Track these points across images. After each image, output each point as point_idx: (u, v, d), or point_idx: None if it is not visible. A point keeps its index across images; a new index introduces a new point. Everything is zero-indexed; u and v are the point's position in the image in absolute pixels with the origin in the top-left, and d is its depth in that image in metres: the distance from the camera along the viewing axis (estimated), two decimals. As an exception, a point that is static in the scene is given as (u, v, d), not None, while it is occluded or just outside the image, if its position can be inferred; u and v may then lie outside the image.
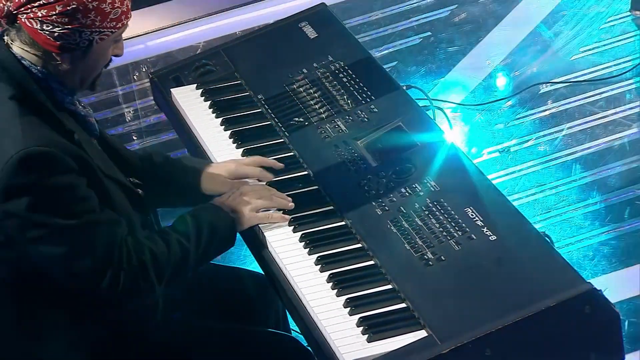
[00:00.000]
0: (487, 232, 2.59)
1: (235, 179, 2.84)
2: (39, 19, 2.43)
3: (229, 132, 3.06)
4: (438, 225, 2.64)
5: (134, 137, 4.82)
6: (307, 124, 3.03)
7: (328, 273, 2.61)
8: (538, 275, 2.48)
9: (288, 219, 2.74)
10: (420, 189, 2.74)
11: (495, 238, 2.57)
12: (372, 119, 2.99)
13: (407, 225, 2.66)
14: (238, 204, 2.71)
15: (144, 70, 5.20)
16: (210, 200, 2.75)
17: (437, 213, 2.67)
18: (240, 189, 2.75)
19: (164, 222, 2.82)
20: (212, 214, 2.67)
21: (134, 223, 2.58)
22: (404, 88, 3.11)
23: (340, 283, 2.58)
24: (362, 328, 2.46)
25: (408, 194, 2.74)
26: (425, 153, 2.84)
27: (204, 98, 3.20)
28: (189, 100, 3.20)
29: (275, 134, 3.04)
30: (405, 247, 2.61)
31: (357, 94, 3.09)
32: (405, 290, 2.52)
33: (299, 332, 2.62)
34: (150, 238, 2.59)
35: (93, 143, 2.58)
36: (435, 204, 2.69)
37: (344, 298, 2.54)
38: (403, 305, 2.50)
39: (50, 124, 2.45)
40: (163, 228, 2.67)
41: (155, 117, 4.80)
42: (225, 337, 2.73)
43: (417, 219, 2.67)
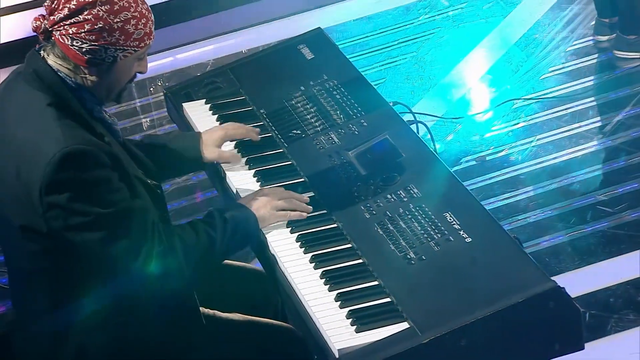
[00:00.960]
0: (463, 234, 2.58)
1: (227, 140, 2.95)
2: (70, 36, 2.45)
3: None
4: (419, 228, 2.63)
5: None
6: (304, 136, 3.02)
7: (321, 270, 2.60)
8: (508, 274, 2.47)
9: (305, 216, 2.73)
10: (404, 195, 2.73)
11: (471, 240, 2.57)
12: (362, 132, 2.99)
13: (392, 228, 2.65)
14: (260, 203, 2.71)
15: (160, 84, 5.19)
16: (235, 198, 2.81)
17: (418, 217, 2.66)
18: (263, 190, 2.76)
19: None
20: (237, 210, 2.68)
21: (156, 213, 2.59)
22: (391, 104, 3.10)
23: (332, 279, 2.57)
24: (351, 320, 2.45)
25: (393, 200, 2.73)
26: (409, 163, 2.83)
27: (212, 112, 3.19)
28: (199, 114, 3.19)
29: (276, 145, 3.03)
30: (390, 247, 2.61)
31: (348, 110, 3.08)
32: (390, 286, 2.51)
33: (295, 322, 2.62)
34: (181, 227, 2.60)
35: (119, 145, 2.59)
36: (417, 209, 2.68)
37: (335, 293, 2.53)
38: (388, 300, 2.49)
39: (84, 127, 2.47)
40: (193, 220, 2.67)
41: (169, 126, 4.80)
42: (230, 325, 2.73)
43: (401, 222, 2.66)
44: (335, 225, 2.72)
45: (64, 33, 2.46)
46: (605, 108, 4.55)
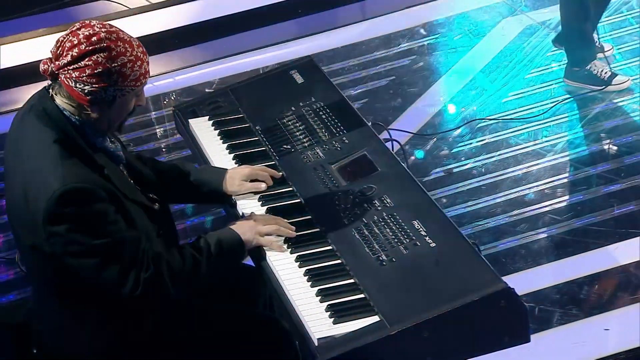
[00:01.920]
0: (428, 240, 2.59)
1: (249, 180, 2.83)
2: (73, 79, 2.43)
3: (232, 154, 3.05)
4: (391, 234, 2.63)
5: (163, 150, 4.81)
6: (293, 151, 3.02)
7: (305, 269, 2.60)
8: (466, 276, 2.47)
9: (284, 251, 2.66)
10: (379, 205, 2.73)
11: (435, 245, 2.57)
12: (343, 148, 2.99)
13: (367, 233, 2.65)
14: (246, 227, 2.66)
15: (172, 99, 5.18)
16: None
17: (390, 224, 2.66)
18: (252, 216, 2.71)
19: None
20: (224, 235, 2.63)
21: (151, 234, 2.56)
22: (370, 125, 3.10)
23: (314, 277, 2.57)
24: (329, 313, 2.46)
25: (369, 208, 2.73)
26: (383, 177, 2.84)
27: (214, 127, 3.19)
28: (202, 129, 3.19)
29: (268, 158, 3.02)
30: (365, 250, 2.61)
31: (332, 128, 3.08)
32: (364, 284, 2.52)
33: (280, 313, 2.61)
34: (169, 252, 2.56)
35: (119, 171, 2.56)
36: (390, 217, 2.68)
37: (316, 289, 2.54)
38: (362, 296, 2.49)
39: (85, 162, 2.44)
40: (182, 244, 2.64)
41: (179, 136, 4.78)
42: (223, 315, 2.72)
43: (375, 228, 2.66)
44: (318, 230, 2.71)
45: (68, 76, 2.43)
46: (557, 129, 4.54)
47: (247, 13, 5.69)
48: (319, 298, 2.51)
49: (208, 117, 3.24)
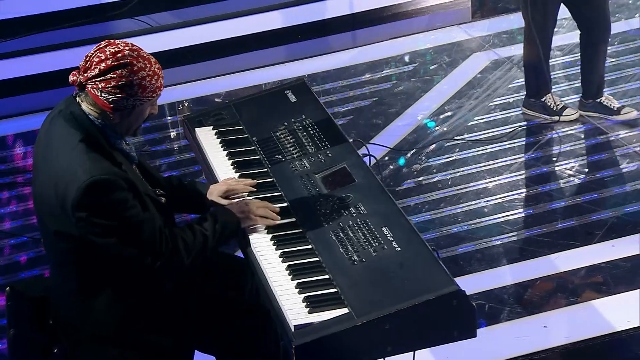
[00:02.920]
0: (395, 244, 2.59)
1: (228, 193, 2.82)
2: (99, 89, 2.46)
3: (231, 161, 3.05)
4: (363, 237, 2.63)
5: (175, 149, 4.81)
6: (283, 160, 3.01)
7: (287, 264, 2.60)
8: (425, 277, 2.47)
9: (274, 224, 2.69)
10: (354, 212, 2.73)
11: (400, 249, 2.57)
12: (327, 161, 2.98)
13: (342, 235, 2.65)
14: (241, 209, 2.69)
15: (185, 105, 5.19)
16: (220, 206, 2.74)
17: (363, 229, 2.66)
18: (245, 200, 2.73)
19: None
20: (223, 214, 2.66)
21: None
22: (351, 141, 3.09)
23: (294, 271, 2.57)
24: (305, 303, 2.46)
25: (345, 214, 2.72)
26: (360, 187, 2.83)
27: (217, 136, 3.18)
28: (207, 137, 3.18)
29: (262, 165, 3.02)
30: (340, 250, 2.60)
31: (318, 142, 3.07)
32: (337, 280, 2.52)
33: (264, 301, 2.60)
34: (182, 229, 2.59)
35: (133, 169, 2.58)
36: (363, 223, 2.68)
37: (296, 282, 2.53)
38: (334, 290, 2.49)
39: (107, 158, 2.46)
40: (191, 222, 2.65)
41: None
42: (216, 299, 2.73)
43: (349, 232, 2.66)
44: (301, 231, 2.71)
45: (95, 87, 2.46)
46: (513, 151, 4.56)
47: (253, 36, 5.74)
48: (298, 290, 2.51)
49: (212, 127, 3.23)
